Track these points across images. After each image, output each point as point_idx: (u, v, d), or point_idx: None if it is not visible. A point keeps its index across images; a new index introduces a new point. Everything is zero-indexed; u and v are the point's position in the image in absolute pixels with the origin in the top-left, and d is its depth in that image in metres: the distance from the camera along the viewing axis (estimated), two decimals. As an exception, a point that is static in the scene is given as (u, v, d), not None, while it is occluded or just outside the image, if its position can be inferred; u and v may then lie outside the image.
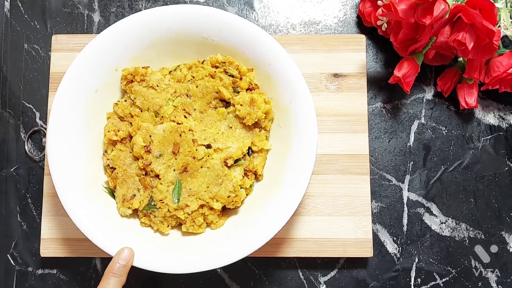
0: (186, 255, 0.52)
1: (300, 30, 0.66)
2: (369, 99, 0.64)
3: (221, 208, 0.54)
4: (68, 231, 0.59)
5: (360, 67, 0.62)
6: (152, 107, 0.56)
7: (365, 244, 0.59)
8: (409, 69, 0.58)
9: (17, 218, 0.62)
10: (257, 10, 0.66)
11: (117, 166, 0.55)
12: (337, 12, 0.66)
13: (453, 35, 0.56)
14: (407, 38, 0.59)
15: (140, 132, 0.54)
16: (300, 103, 0.53)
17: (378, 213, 0.62)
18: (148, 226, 0.55)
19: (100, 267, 0.61)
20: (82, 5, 0.66)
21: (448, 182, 0.63)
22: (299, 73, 0.53)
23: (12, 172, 0.63)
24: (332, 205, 0.60)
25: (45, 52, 0.65)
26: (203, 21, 0.55)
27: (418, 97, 0.64)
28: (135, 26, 0.55)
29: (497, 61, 0.59)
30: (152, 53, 0.57)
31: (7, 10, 0.66)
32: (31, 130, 0.63)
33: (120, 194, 0.55)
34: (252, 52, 0.55)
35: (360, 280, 0.61)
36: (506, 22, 0.58)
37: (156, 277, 0.60)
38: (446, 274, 0.61)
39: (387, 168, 0.63)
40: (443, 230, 0.62)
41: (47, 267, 0.61)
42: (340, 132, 0.61)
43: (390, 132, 0.64)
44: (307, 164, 0.52)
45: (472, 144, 0.63)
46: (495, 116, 0.64)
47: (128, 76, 0.56)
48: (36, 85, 0.64)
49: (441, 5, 0.53)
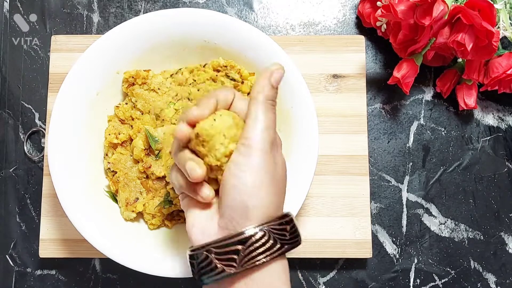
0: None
1: (299, 31, 0.66)
2: (368, 100, 0.64)
3: None
4: (67, 232, 0.59)
5: (360, 68, 0.62)
6: (153, 110, 0.56)
7: (364, 245, 0.59)
8: (408, 70, 0.58)
9: (16, 219, 0.62)
10: (256, 11, 0.66)
11: (118, 170, 0.55)
12: (336, 13, 0.66)
13: (452, 36, 0.56)
14: (406, 39, 0.59)
15: (140, 135, 0.54)
16: (301, 107, 0.53)
17: (377, 214, 0.62)
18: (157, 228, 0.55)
19: (99, 268, 0.61)
20: (82, 6, 0.66)
21: (447, 183, 0.63)
22: (301, 78, 0.53)
23: (11, 172, 0.63)
24: (331, 206, 0.60)
25: (44, 52, 0.65)
26: (204, 25, 0.54)
27: (417, 98, 0.64)
28: (137, 29, 0.55)
29: (496, 62, 0.59)
30: (154, 56, 0.57)
31: (6, 11, 0.66)
32: (30, 130, 0.63)
33: (123, 198, 0.55)
34: (254, 56, 0.55)
35: (359, 281, 0.61)
36: (505, 23, 0.58)
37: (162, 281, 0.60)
38: (445, 275, 0.61)
39: (386, 169, 0.63)
40: (442, 231, 0.62)
41: (46, 267, 0.61)
42: (339, 133, 0.61)
43: (389, 133, 0.64)
44: (308, 168, 0.52)
45: (471, 145, 0.64)
46: (494, 117, 0.64)
47: (129, 79, 0.56)
48: (35, 86, 0.64)
49: (440, 6, 0.53)
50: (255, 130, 0.37)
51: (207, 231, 0.39)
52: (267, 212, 0.37)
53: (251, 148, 0.37)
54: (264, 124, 0.38)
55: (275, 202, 0.38)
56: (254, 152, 0.37)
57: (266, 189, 0.37)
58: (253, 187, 0.37)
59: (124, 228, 0.55)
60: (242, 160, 0.37)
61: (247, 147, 0.37)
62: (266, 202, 0.37)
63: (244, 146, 0.37)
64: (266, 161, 0.37)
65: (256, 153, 0.37)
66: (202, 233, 0.39)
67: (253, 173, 0.37)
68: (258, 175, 0.37)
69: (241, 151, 0.37)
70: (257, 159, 0.37)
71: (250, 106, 0.39)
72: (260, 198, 0.37)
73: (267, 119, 0.38)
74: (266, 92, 0.39)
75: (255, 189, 0.37)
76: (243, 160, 0.37)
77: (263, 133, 0.37)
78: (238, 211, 0.37)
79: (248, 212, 0.37)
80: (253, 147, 0.37)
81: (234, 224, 0.37)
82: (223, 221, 0.38)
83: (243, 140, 0.38)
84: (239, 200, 0.37)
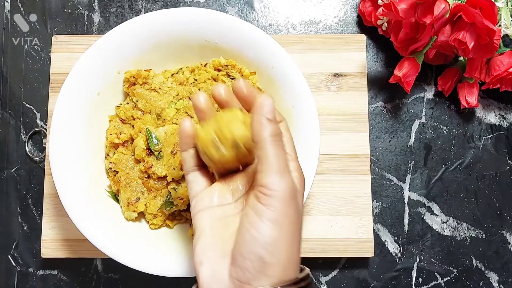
0: (191, 258, 0.52)
1: (300, 30, 0.66)
2: (369, 99, 0.64)
3: None
4: (69, 232, 0.59)
5: (361, 66, 0.62)
6: (154, 110, 0.56)
7: (366, 244, 0.59)
8: (410, 68, 0.58)
9: (18, 219, 0.62)
10: (257, 10, 0.66)
11: (120, 169, 0.55)
12: (337, 12, 0.66)
13: (453, 34, 0.56)
14: (407, 38, 0.59)
15: (142, 134, 0.54)
16: (302, 107, 0.53)
17: (379, 213, 0.62)
18: (159, 228, 0.55)
19: (101, 268, 0.61)
20: (82, 6, 0.66)
21: (449, 181, 0.63)
22: (302, 77, 0.53)
23: (12, 173, 0.63)
24: (333, 205, 0.60)
25: (45, 52, 0.65)
26: (205, 24, 0.54)
27: (418, 96, 0.64)
28: (138, 29, 0.54)
29: (497, 60, 0.59)
30: (155, 56, 0.57)
31: (7, 11, 0.66)
32: (32, 131, 0.63)
33: (124, 198, 0.55)
34: (255, 55, 0.55)
35: (361, 280, 0.61)
36: (507, 21, 0.58)
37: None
38: (447, 273, 0.61)
39: (388, 167, 0.63)
40: (444, 230, 0.62)
41: (48, 268, 0.61)
42: (341, 132, 0.61)
43: (390, 131, 0.64)
44: (310, 167, 0.52)
45: (473, 143, 0.63)
46: (496, 115, 0.64)
47: (130, 78, 0.56)
48: (37, 86, 0.64)
49: (442, 5, 0.53)
50: (270, 176, 0.35)
51: (218, 275, 0.35)
52: (284, 271, 0.34)
53: (271, 198, 0.34)
54: (278, 168, 0.35)
55: (294, 259, 0.35)
56: (273, 202, 0.34)
57: (286, 244, 0.34)
58: (274, 241, 0.34)
59: (126, 228, 0.55)
60: (262, 209, 0.34)
61: (266, 195, 0.35)
62: (285, 259, 0.34)
63: (263, 195, 0.35)
64: (288, 212, 0.34)
65: (275, 204, 0.34)
66: (212, 276, 0.35)
67: (274, 226, 0.34)
68: (279, 228, 0.34)
69: (261, 199, 0.35)
70: (278, 211, 0.34)
71: (257, 151, 0.36)
72: (278, 255, 0.34)
73: (279, 161, 0.35)
74: (267, 129, 0.35)
75: (275, 243, 0.34)
76: (265, 211, 0.34)
77: (280, 179, 0.35)
78: (253, 263, 0.34)
79: (265, 267, 0.34)
80: (272, 196, 0.34)
81: (247, 277, 0.34)
82: (235, 271, 0.35)
83: (261, 188, 0.35)
84: (256, 252, 0.34)
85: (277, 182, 0.34)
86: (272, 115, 0.36)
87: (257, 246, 0.34)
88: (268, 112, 0.36)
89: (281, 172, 0.35)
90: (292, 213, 0.35)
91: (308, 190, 0.52)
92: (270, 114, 0.36)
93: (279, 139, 0.36)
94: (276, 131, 0.36)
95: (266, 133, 0.35)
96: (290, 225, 0.35)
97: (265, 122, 0.36)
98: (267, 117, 0.36)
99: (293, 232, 0.35)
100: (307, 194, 0.52)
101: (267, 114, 0.36)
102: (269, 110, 0.36)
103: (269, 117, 0.36)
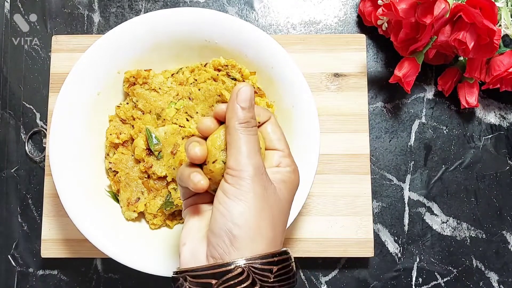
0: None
1: (300, 30, 0.66)
2: (369, 99, 0.64)
3: None
4: (69, 232, 0.59)
5: (361, 66, 0.62)
6: (154, 110, 0.56)
7: (366, 244, 0.59)
8: (410, 68, 0.58)
9: (17, 219, 0.62)
10: (257, 10, 0.66)
11: (120, 169, 0.55)
12: (337, 12, 0.66)
13: (453, 34, 0.56)
14: (407, 38, 0.59)
15: (142, 134, 0.54)
16: (302, 107, 0.53)
17: (379, 213, 0.62)
18: (159, 228, 0.55)
19: (101, 268, 0.61)
20: (82, 6, 0.66)
21: (449, 181, 0.63)
22: (302, 77, 0.53)
23: (12, 173, 0.63)
24: (333, 205, 0.60)
25: (45, 52, 0.65)
26: (205, 24, 0.54)
27: (418, 96, 0.64)
28: (138, 29, 0.55)
29: (497, 60, 0.59)
30: (155, 55, 0.57)
31: (7, 11, 0.66)
32: (32, 131, 0.63)
33: (124, 198, 0.55)
34: (255, 55, 0.55)
35: (361, 280, 0.61)
36: (507, 21, 0.58)
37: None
38: (447, 273, 0.61)
39: (388, 167, 0.63)
40: (444, 230, 0.62)
41: (48, 268, 0.61)
42: (341, 132, 0.61)
43: (390, 131, 0.64)
44: (310, 167, 0.52)
45: (473, 143, 0.63)
46: (496, 115, 0.64)
47: (130, 78, 0.56)
48: (37, 86, 0.64)
49: (442, 5, 0.53)
50: (237, 159, 0.36)
51: (196, 254, 0.37)
52: (252, 244, 0.35)
53: (237, 178, 0.36)
54: (246, 152, 0.36)
55: (267, 236, 0.36)
56: (239, 180, 0.36)
57: (253, 217, 0.35)
58: (240, 214, 0.35)
59: (126, 228, 0.55)
60: (229, 188, 0.36)
61: (233, 177, 0.36)
62: (252, 232, 0.35)
63: (230, 176, 0.36)
64: (253, 189, 0.36)
65: (241, 182, 0.35)
66: (191, 255, 0.37)
67: (241, 201, 0.35)
68: (245, 203, 0.35)
69: (228, 180, 0.36)
70: (243, 188, 0.35)
71: (227, 135, 0.37)
72: (247, 228, 0.35)
73: (247, 146, 0.36)
74: (238, 116, 0.37)
75: (242, 218, 0.35)
76: (231, 189, 0.36)
77: (247, 161, 0.36)
78: (223, 238, 0.35)
79: (234, 240, 0.35)
80: (237, 177, 0.36)
81: (220, 253, 0.35)
82: (209, 249, 0.36)
83: (228, 170, 0.36)
84: (225, 227, 0.35)
85: (242, 164, 0.36)
86: (246, 103, 0.37)
87: (225, 221, 0.35)
88: (242, 100, 0.37)
89: (248, 157, 0.36)
90: (259, 189, 0.36)
91: (308, 190, 0.52)
92: (244, 103, 0.37)
93: (249, 127, 0.37)
94: (246, 119, 0.37)
95: (236, 120, 0.37)
96: (256, 200, 0.36)
97: (237, 109, 0.37)
98: (241, 105, 0.37)
99: (261, 208, 0.36)
100: (307, 194, 0.52)
101: (241, 102, 0.37)
102: (244, 98, 0.37)
103: (243, 105, 0.37)
